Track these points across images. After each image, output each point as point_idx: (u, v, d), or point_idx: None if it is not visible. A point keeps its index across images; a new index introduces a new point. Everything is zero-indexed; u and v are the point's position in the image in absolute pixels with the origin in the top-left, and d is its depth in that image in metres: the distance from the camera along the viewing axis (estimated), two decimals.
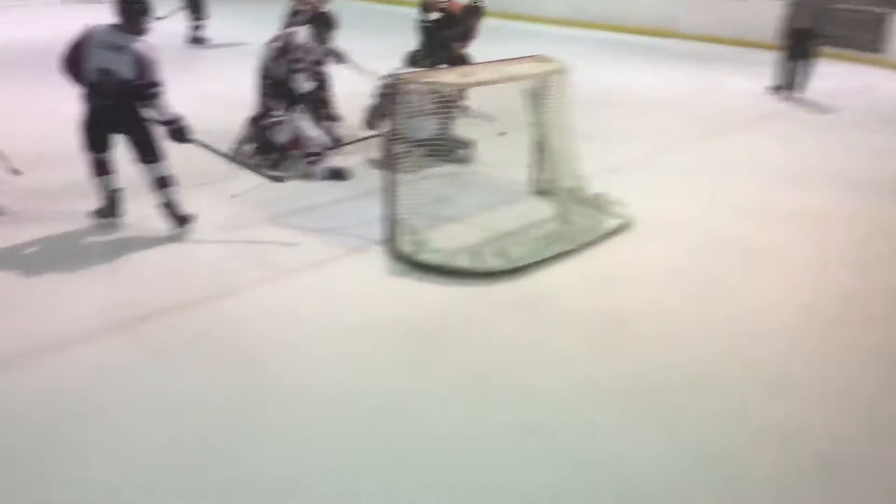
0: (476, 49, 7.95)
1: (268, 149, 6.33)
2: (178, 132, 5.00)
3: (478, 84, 5.40)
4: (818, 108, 9.74)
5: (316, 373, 3.74)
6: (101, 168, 5.12)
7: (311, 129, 6.30)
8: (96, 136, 5.01)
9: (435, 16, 8.44)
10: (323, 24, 6.61)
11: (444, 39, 8.36)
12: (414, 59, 8.25)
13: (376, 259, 4.94)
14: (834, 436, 3.40)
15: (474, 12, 8.37)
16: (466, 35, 8.42)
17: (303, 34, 6.54)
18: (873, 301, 4.69)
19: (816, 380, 3.85)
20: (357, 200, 5.85)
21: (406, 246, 4.93)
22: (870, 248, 5.47)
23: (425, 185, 5.32)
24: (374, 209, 5.53)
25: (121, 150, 5.08)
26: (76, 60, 4.84)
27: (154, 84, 4.79)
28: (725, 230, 5.64)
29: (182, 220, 5.19)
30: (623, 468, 3.16)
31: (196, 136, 5.11)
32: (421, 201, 5.25)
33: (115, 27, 4.83)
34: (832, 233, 5.70)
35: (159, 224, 5.16)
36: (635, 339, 4.14)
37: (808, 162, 7.42)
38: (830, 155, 7.70)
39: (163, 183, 5.09)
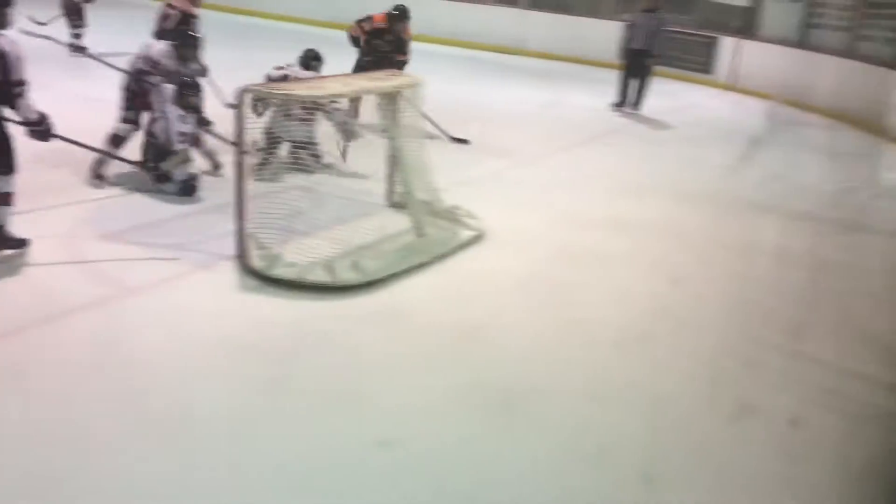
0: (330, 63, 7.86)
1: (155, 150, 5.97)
2: (44, 132, 4.72)
3: (330, 97, 5.36)
4: (655, 124, 10.36)
5: (161, 396, 3.55)
6: None
7: (181, 124, 5.94)
8: None
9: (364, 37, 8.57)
10: (185, 42, 6.26)
11: (383, 54, 8.49)
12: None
13: (226, 275, 4.77)
14: (652, 448, 3.51)
15: (397, 17, 8.56)
16: (401, 43, 8.67)
17: (161, 49, 6.17)
18: (689, 306, 5.01)
19: (636, 389, 3.99)
20: (204, 215, 5.64)
21: (258, 261, 4.79)
22: (698, 255, 5.84)
23: (278, 197, 5.21)
24: (223, 224, 5.35)
25: None
26: None
27: (19, 83, 4.44)
28: (572, 241, 5.86)
29: (17, 243, 4.79)
30: (479, 478, 3.19)
31: (60, 134, 4.84)
32: (273, 214, 5.13)
33: None
34: (663, 241, 6.05)
35: None
36: (488, 350, 4.21)
37: (646, 175, 7.87)
38: (666, 168, 8.20)
39: (3, 200, 4.67)
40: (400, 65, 8.31)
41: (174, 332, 4.10)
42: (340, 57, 8.03)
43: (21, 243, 4.79)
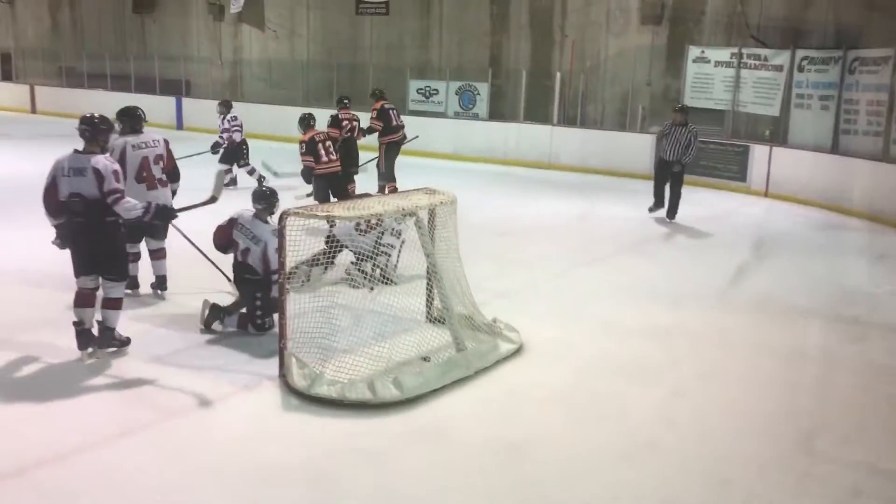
0: (365, 183, 8.11)
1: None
2: (163, 213, 5.41)
3: (369, 216, 5.52)
4: (691, 232, 10.40)
5: None
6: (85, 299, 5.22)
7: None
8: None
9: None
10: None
11: (353, 152, 10.15)
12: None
13: (269, 395, 4.82)
14: None
15: (343, 125, 10.10)
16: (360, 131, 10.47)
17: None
18: (737, 415, 4.89)
19: None
20: (246, 335, 5.73)
21: (300, 380, 4.83)
22: (744, 363, 5.74)
23: (319, 316, 5.29)
24: (265, 343, 5.46)
25: None
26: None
27: (113, 191, 4.99)
28: (613, 351, 5.82)
29: (122, 343, 5.33)
30: None
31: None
32: (315, 333, 5.21)
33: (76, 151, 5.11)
34: (707, 349, 5.97)
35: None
36: (532, 470, 4.13)
37: (685, 282, 7.84)
38: (704, 275, 8.17)
39: (114, 304, 5.26)
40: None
41: (216, 456, 4.11)
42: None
43: (125, 343, 5.34)
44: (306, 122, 9.22)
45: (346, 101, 10.71)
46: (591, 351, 5.82)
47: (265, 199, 5.91)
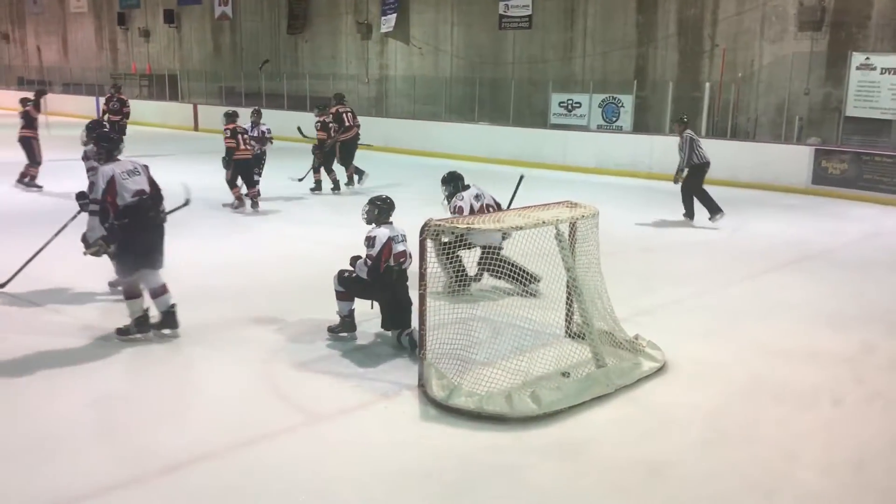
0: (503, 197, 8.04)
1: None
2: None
3: (512, 229, 5.50)
4: (853, 249, 9.71)
5: None
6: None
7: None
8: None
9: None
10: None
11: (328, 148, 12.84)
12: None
13: (407, 405, 4.87)
14: None
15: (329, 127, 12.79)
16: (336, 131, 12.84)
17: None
18: None
19: None
20: (387, 345, 5.83)
21: (438, 391, 4.86)
22: None
23: (458, 328, 5.31)
24: (405, 354, 5.54)
25: None
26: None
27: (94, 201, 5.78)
28: (762, 375, 5.49)
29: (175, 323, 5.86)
30: None
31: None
32: (454, 345, 5.23)
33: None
34: (872, 376, 5.52)
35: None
36: (670, 493, 3.96)
37: (845, 303, 7.31)
38: (868, 296, 7.59)
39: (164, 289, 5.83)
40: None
41: (356, 461, 4.20)
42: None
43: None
44: (231, 117, 11.40)
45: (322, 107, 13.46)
46: (740, 372, 5.51)
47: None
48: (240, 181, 11.33)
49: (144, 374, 5.33)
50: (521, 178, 8.00)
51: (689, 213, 11.14)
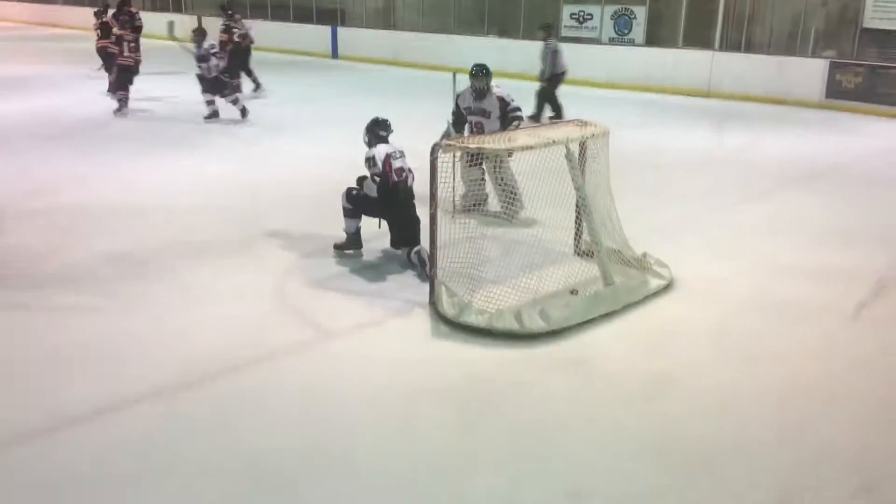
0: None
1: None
2: None
3: (520, 149, 5.50)
4: (866, 166, 9.66)
5: (360, 437, 3.76)
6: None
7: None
8: None
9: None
10: None
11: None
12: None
13: (419, 322, 4.99)
14: None
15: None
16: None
17: None
18: None
19: (862, 454, 3.73)
20: (397, 263, 5.93)
21: (449, 308, 4.97)
22: None
23: (469, 246, 5.39)
24: (415, 272, 5.63)
25: None
26: None
27: None
28: (769, 290, 5.57)
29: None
30: None
31: None
32: (464, 263, 5.31)
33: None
34: (878, 293, 5.59)
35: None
36: (679, 405, 4.09)
37: (854, 221, 7.33)
38: (879, 214, 7.60)
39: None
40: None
41: (370, 377, 4.33)
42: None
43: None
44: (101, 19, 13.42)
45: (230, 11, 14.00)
46: (746, 289, 5.60)
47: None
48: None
49: (158, 291, 5.45)
50: (454, 75, 7.88)
51: (537, 117, 11.81)
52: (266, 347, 4.61)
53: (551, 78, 11.91)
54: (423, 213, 5.39)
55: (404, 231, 5.86)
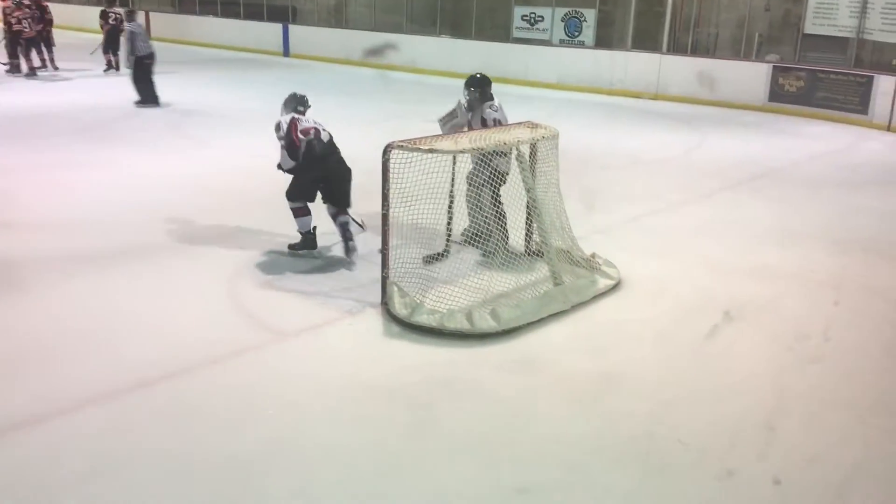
0: None
1: None
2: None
3: (471, 151, 5.55)
4: (806, 168, 9.96)
5: (312, 435, 3.78)
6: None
7: None
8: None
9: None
10: None
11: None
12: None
13: (371, 322, 5.02)
14: None
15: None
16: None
17: None
18: (840, 360, 4.76)
19: (798, 448, 3.87)
20: (349, 264, 5.94)
21: (401, 308, 5.00)
22: (852, 305, 5.56)
23: (419, 247, 5.43)
24: (369, 272, 5.64)
25: None
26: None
27: None
28: (714, 290, 5.73)
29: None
30: None
31: None
32: (415, 264, 5.35)
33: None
34: (814, 289, 5.80)
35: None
36: (626, 401, 4.19)
37: (793, 221, 7.57)
38: (817, 214, 7.86)
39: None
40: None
41: (322, 377, 4.35)
42: None
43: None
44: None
45: None
46: (691, 288, 5.75)
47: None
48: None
49: (109, 293, 5.37)
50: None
51: (144, 101, 12.45)
52: (219, 349, 4.58)
53: (137, 61, 12.37)
54: (371, 205, 5.40)
55: (333, 186, 5.93)
